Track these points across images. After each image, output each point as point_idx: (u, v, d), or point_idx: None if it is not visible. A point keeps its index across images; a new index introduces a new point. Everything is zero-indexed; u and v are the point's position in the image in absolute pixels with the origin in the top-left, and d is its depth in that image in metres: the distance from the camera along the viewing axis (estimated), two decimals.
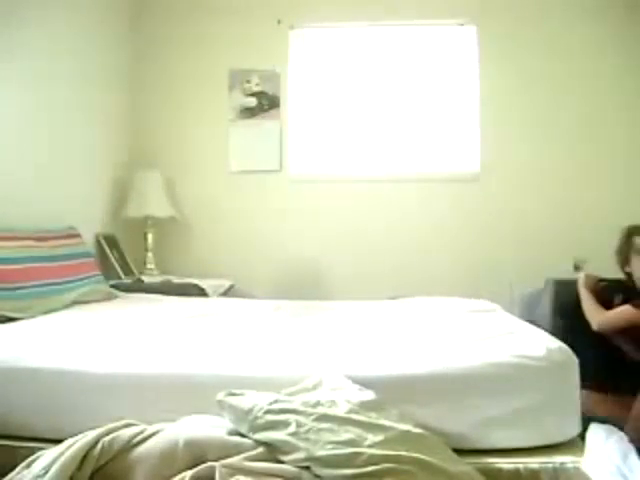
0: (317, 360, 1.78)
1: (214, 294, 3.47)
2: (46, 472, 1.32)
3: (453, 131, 4.00)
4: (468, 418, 1.64)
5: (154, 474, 1.35)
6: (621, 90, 3.82)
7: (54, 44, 3.13)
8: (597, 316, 2.41)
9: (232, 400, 1.49)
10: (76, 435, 1.43)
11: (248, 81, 4.03)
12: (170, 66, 4.06)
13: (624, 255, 2.51)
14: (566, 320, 2.62)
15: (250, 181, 4.03)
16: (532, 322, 2.32)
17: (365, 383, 1.63)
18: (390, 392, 1.61)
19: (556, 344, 1.81)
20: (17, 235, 2.56)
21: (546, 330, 2.04)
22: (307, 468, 1.34)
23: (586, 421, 1.74)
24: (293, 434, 1.38)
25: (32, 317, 2.33)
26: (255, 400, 1.47)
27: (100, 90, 3.62)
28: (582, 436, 1.67)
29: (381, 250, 3.92)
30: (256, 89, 4.03)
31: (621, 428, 1.85)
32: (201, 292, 3.39)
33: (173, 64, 4.06)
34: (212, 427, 1.48)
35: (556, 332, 2.02)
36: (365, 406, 1.51)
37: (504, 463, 1.59)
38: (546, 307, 2.82)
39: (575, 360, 1.76)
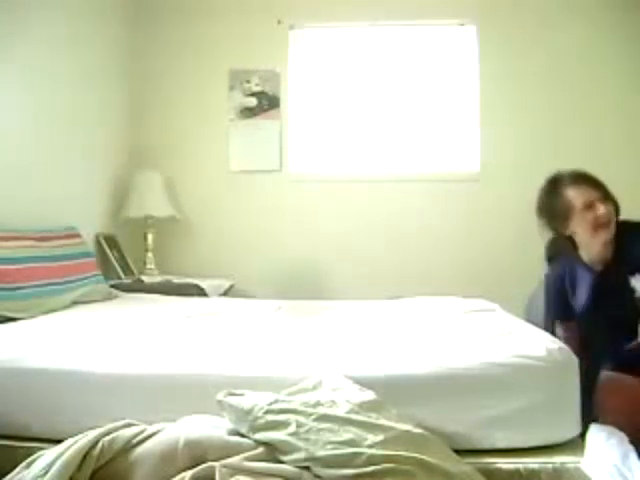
0: (317, 360, 1.78)
1: (214, 294, 3.48)
2: (46, 472, 1.32)
3: (453, 131, 4.00)
4: (468, 418, 1.63)
5: (154, 474, 1.35)
6: (621, 90, 3.82)
7: (54, 45, 3.14)
8: None
9: (232, 400, 1.49)
10: (76, 435, 1.43)
11: (248, 81, 4.03)
12: (170, 66, 4.06)
13: (560, 213, 2.09)
14: None
15: (250, 181, 4.03)
16: (531, 322, 2.32)
17: (365, 383, 1.62)
18: (390, 392, 1.61)
19: (556, 344, 1.81)
20: (17, 235, 2.56)
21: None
22: (307, 468, 1.34)
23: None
24: (293, 434, 1.38)
25: (32, 317, 2.33)
26: (255, 400, 1.47)
27: (100, 90, 3.63)
28: (582, 436, 1.67)
29: (381, 250, 3.92)
30: (256, 89, 4.03)
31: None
32: (201, 292, 3.39)
33: (173, 64, 4.06)
34: (212, 427, 1.48)
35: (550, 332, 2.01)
36: (365, 406, 1.51)
37: (504, 463, 1.59)
38: (541, 307, 2.81)
39: (575, 360, 1.76)
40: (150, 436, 1.43)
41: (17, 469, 1.38)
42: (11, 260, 2.42)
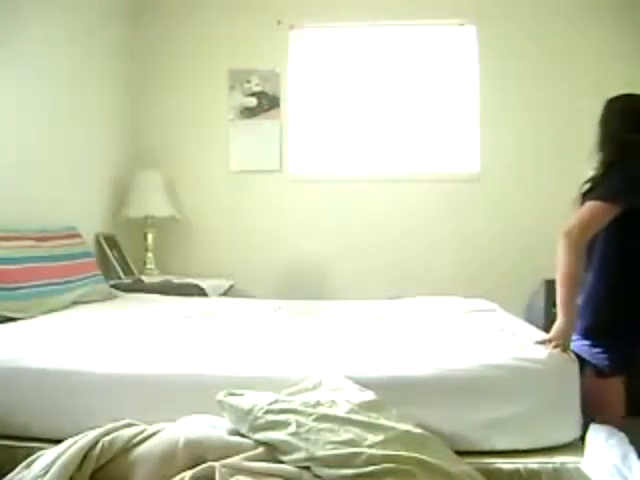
0: (317, 360, 1.78)
1: (214, 294, 3.48)
2: (46, 472, 1.32)
3: (453, 131, 4.00)
4: (468, 420, 1.63)
5: (154, 474, 1.36)
6: (621, 89, 3.81)
7: (54, 45, 3.13)
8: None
9: (232, 400, 1.49)
10: (76, 435, 1.43)
11: (248, 81, 4.03)
12: (170, 66, 4.06)
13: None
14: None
15: (250, 181, 4.03)
16: (531, 322, 2.33)
17: (365, 383, 1.62)
18: (390, 393, 1.61)
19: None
20: (17, 235, 2.56)
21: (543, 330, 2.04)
22: (307, 468, 1.34)
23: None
24: (293, 434, 1.38)
25: (32, 317, 2.33)
26: (255, 400, 1.48)
27: (100, 90, 3.63)
28: (582, 437, 1.67)
29: (381, 250, 3.92)
30: (256, 89, 4.03)
31: None
32: (201, 292, 3.39)
33: (173, 64, 4.06)
34: (212, 427, 1.48)
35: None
36: (365, 406, 1.51)
37: (504, 463, 1.59)
38: (541, 307, 2.81)
39: (576, 363, 1.76)
40: (150, 436, 1.44)
41: (17, 469, 1.38)
42: (11, 260, 2.42)
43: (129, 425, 1.48)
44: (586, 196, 2.01)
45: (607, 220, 1.87)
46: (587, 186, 2.08)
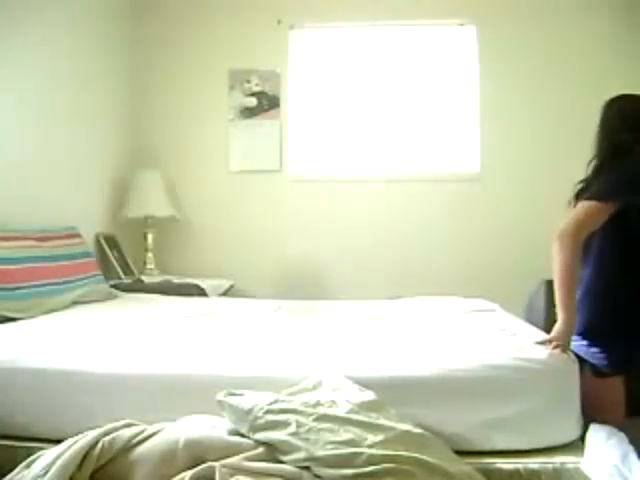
0: (317, 360, 1.78)
1: (214, 294, 3.48)
2: (46, 472, 1.32)
3: (453, 131, 4.00)
4: (468, 420, 1.63)
5: (154, 474, 1.36)
6: (622, 89, 3.81)
7: (54, 45, 3.14)
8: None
9: (232, 400, 1.49)
10: (76, 435, 1.43)
11: (248, 81, 4.03)
12: (170, 66, 4.06)
13: None
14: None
15: (250, 181, 4.03)
16: (531, 322, 2.32)
17: (365, 383, 1.62)
18: (390, 393, 1.60)
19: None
20: (17, 235, 2.56)
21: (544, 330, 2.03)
22: (307, 468, 1.34)
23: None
24: (293, 434, 1.38)
25: (32, 317, 2.33)
26: (255, 400, 1.48)
27: (100, 90, 3.63)
28: (582, 436, 1.67)
29: (381, 250, 3.92)
30: (256, 89, 4.03)
31: None
32: (201, 292, 3.39)
33: (173, 64, 4.06)
34: (212, 427, 1.48)
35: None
36: (365, 406, 1.51)
37: (504, 463, 1.59)
38: (541, 307, 2.81)
39: (576, 363, 1.75)
40: (150, 436, 1.43)
41: (17, 469, 1.38)
42: (11, 260, 2.42)
43: (129, 425, 1.48)
44: (579, 196, 2.01)
45: (603, 219, 1.87)
46: (580, 186, 2.08)
